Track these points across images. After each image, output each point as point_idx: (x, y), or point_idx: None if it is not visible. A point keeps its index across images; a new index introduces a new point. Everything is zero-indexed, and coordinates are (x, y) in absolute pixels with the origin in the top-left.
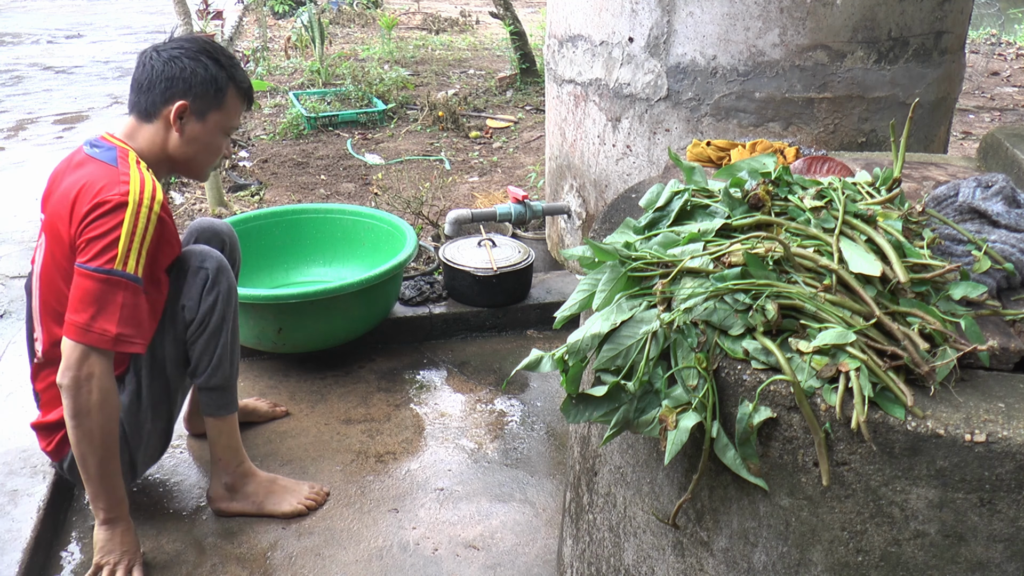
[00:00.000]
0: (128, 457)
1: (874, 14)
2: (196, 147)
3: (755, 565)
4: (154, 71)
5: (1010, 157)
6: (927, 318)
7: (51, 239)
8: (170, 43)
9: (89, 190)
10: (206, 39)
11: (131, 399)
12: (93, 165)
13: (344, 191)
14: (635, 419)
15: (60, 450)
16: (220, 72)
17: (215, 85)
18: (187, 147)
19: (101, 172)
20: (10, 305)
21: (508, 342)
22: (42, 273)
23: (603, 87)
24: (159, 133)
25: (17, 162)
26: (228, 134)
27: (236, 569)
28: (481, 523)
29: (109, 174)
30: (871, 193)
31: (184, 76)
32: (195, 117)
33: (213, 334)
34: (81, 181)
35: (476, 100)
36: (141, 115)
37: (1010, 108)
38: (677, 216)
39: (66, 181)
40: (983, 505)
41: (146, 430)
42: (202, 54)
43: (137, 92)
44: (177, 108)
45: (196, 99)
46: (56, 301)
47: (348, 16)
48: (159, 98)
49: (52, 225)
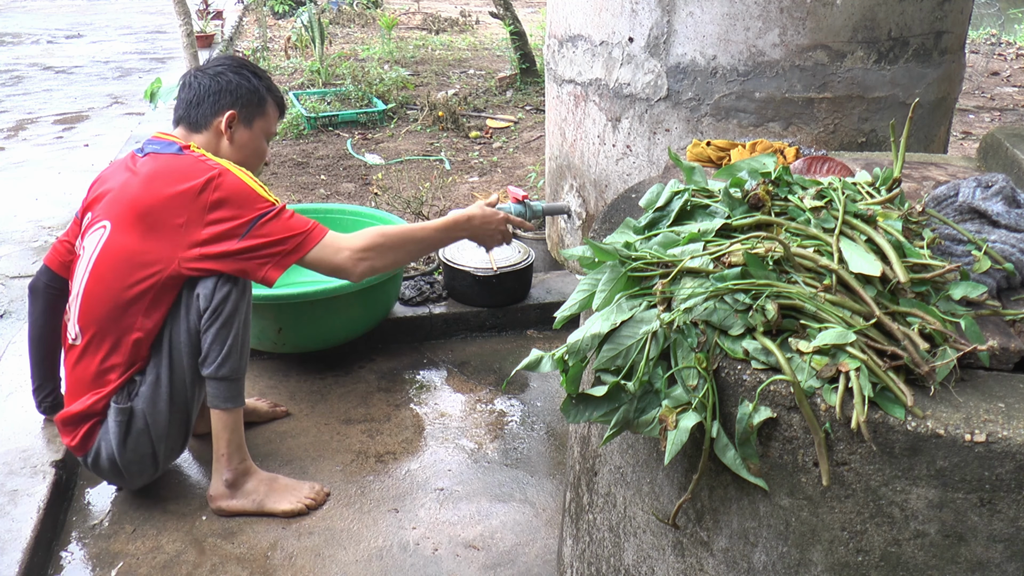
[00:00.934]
0: (151, 450)
1: (874, 14)
2: (246, 152)
3: (755, 565)
4: (202, 87)
5: (1010, 157)
6: (927, 318)
7: (122, 232)
8: (212, 62)
9: (183, 172)
10: (241, 57)
11: (151, 390)
12: (167, 156)
13: (344, 191)
14: (635, 419)
15: (85, 444)
16: (260, 83)
17: (257, 95)
18: (238, 152)
19: (182, 159)
20: (10, 305)
21: (508, 342)
22: (98, 259)
23: (603, 87)
24: (210, 142)
25: (17, 162)
26: (269, 139)
27: (236, 569)
28: (481, 523)
29: (189, 159)
30: (871, 193)
31: (231, 88)
32: (243, 124)
33: (225, 324)
34: (168, 167)
35: (476, 100)
36: (190, 127)
37: (1010, 108)
38: (677, 216)
39: (143, 176)
40: (983, 505)
41: (166, 421)
42: (243, 68)
43: (187, 108)
44: (227, 117)
45: (243, 108)
46: (104, 290)
47: (348, 16)
48: (209, 110)
49: (127, 215)
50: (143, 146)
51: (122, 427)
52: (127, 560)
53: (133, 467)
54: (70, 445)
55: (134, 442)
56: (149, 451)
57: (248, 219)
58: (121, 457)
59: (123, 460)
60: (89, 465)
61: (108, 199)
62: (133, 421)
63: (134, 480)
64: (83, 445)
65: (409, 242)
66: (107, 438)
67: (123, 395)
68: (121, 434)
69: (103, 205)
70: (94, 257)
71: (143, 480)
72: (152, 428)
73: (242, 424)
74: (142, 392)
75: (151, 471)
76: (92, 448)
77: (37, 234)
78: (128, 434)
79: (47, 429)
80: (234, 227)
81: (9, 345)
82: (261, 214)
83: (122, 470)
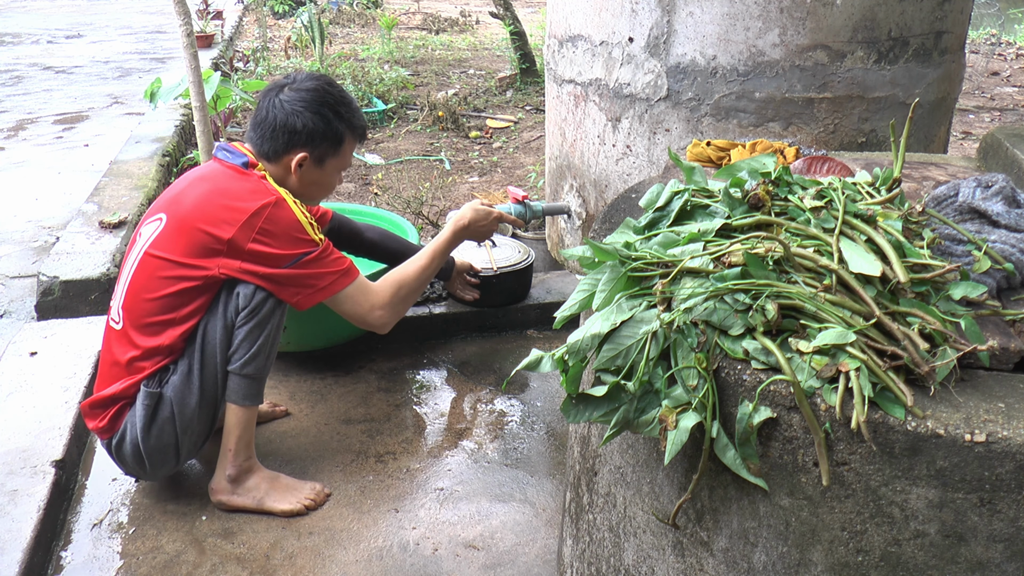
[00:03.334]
0: (174, 440)
1: (874, 14)
2: (313, 189)
3: (755, 565)
4: (276, 121)
5: (1010, 157)
6: (927, 318)
7: (174, 230)
8: (293, 87)
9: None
10: (326, 84)
11: (182, 380)
12: (230, 173)
13: (344, 191)
14: (635, 419)
15: (112, 426)
16: (340, 124)
17: (334, 136)
18: (304, 189)
19: (241, 182)
20: (10, 305)
21: (508, 342)
22: (148, 250)
23: (603, 87)
24: (279, 173)
25: (17, 162)
26: (342, 170)
27: (236, 569)
28: (481, 523)
29: (249, 183)
30: (871, 193)
31: (307, 130)
32: (314, 164)
33: (259, 324)
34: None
35: (476, 100)
36: (263, 155)
37: (1010, 108)
38: (677, 216)
39: (206, 181)
40: (983, 505)
41: (193, 413)
42: (324, 106)
43: (260, 134)
44: (298, 159)
45: (315, 150)
46: (147, 280)
47: (348, 16)
48: (281, 147)
49: (185, 220)
50: (215, 150)
51: (149, 411)
52: (127, 560)
53: (155, 456)
54: (96, 427)
55: (159, 429)
56: (172, 441)
57: (292, 254)
58: (144, 443)
59: (146, 447)
60: (113, 450)
61: (173, 195)
62: (160, 407)
63: (155, 470)
64: (110, 427)
65: (423, 275)
66: (133, 421)
67: (154, 381)
68: (147, 418)
69: (167, 199)
70: (146, 247)
71: (163, 472)
72: (178, 417)
73: (254, 423)
74: (173, 381)
75: (172, 463)
76: (118, 431)
77: (37, 234)
78: (154, 420)
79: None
80: (277, 256)
81: (9, 345)
82: (304, 253)
83: (144, 458)
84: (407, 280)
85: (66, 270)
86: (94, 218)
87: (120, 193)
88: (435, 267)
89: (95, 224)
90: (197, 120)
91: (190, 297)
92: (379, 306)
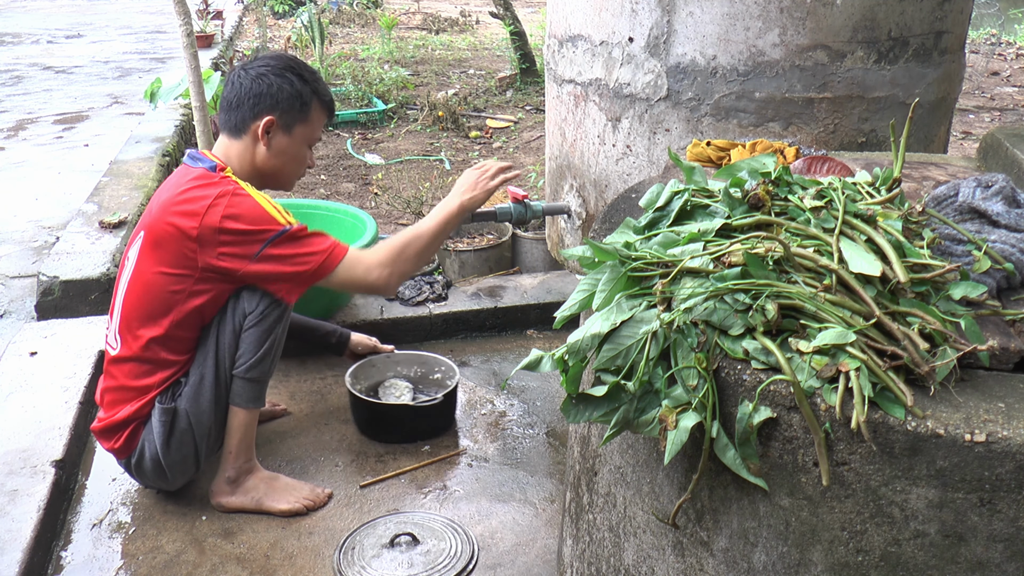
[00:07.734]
0: (193, 449)
1: (874, 14)
2: (283, 159)
3: (755, 565)
4: (242, 88)
5: (1010, 157)
6: (927, 318)
7: (151, 243)
8: (256, 61)
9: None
10: (291, 56)
11: (194, 390)
12: (194, 171)
13: (344, 191)
14: (635, 419)
15: (128, 446)
16: (305, 87)
17: (300, 100)
18: (275, 159)
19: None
20: (10, 305)
21: (508, 342)
22: (135, 271)
23: (603, 87)
24: (248, 148)
25: (17, 162)
26: (311, 145)
27: (236, 569)
28: (481, 523)
29: (212, 179)
30: (871, 193)
31: (271, 92)
32: (282, 131)
33: (267, 329)
34: (184, 186)
35: (476, 100)
36: (231, 132)
37: (1010, 108)
38: (677, 216)
39: (167, 189)
40: (983, 505)
41: (210, 421)
42: (288, 71)
43: (227, 111)
44: (265, 123)
45: (283, 113)
46: (137, 301)
47: (348, 16)
48: (248, 114)
49: (154, 228)
50: (184, 156)
51: (166, 427)
52: (127, 560)
53: (176, 467)
54: (112, 448)
55: (177, 442)
56: (192, 451)
57: (264, 231)
58: (165, 458)
59: (167, 460)
60: (132, 468)
61: (146, 210)
62: (177, 421)
63: (176, 480)
64: (127, 447)
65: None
66: (151, 439)
67: (167, 396)
68: (165, 434)
69: (143, 216)
70: (132, 268)
71: (184, 480)
72: (196, 427)
73: (255, 426)
74: (185, 392)
75: (193, 470)
76: (136, 450)
77: (37, 234)
78: (172, 434)
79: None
80: (249, 233)
81: (9, 345)
82: (280, 231)
83: (166, 471)
84: (405, 236)
85: (66, 270)
86: (94, 218)
87: (120, 193)
88: (441, 232)
89: (95, 224)
90: (197, 120)
91: (183, 308)
92: (377, 264)
